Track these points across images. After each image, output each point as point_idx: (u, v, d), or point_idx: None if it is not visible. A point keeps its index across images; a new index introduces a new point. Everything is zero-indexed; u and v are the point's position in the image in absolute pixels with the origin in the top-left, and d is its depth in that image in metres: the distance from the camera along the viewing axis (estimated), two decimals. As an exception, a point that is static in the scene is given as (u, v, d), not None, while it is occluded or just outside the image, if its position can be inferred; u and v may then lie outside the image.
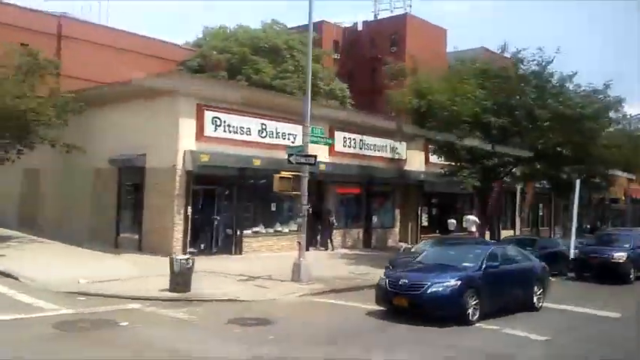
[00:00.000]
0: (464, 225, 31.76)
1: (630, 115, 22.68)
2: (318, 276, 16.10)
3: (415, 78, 21.28)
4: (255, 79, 37.18)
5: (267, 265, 17.87)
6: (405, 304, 11.00)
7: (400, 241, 27.69)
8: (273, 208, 22.11)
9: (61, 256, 17.92)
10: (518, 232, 37.06)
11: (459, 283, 10.93)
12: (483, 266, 11.64)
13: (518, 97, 20.71)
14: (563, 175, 30.40)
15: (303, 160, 15.44)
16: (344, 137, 24.84)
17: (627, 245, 20.14)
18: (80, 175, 22.21)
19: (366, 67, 54.52)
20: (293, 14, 58.74)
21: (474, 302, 11.08)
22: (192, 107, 18.95)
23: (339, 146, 24.52)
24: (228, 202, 20.58)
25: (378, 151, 26.63)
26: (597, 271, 19.56)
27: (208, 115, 19.30)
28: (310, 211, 23.47)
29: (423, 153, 28.54)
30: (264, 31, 42.89)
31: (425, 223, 30.05)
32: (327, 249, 23.81)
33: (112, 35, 39.38)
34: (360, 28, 60.85)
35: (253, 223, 21.60)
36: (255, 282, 15.21)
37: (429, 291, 10.80)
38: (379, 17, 60.83)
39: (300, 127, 22.26)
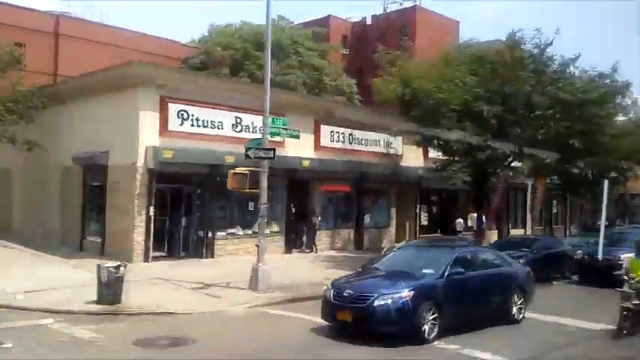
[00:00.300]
0: (469, 224, 30.11)
1: None
2: (286, 282, 14.63)
3: (401, 64, 19.53)
4: (257, 75, 35.87)
5: (235, 270, 16.30)
6: (349, 319, 9.38)
7: (399, 241, 25.98)
8: (252, 208, 20.50)
9: (20, 264, 16.67)
10: (529, 231, 34.97)
11: (412, 294, 9.26)
12: (446, 273, 9.92)
13: (514, 83, 18.81)
14: (575, 169, 28.34)
15: (261, 154, 13.93)
16: (331, 131, 23.22)
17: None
18: (49, 175, 21.11)
19: (374, 62, 52.49)
20: (301, 10, 57.41)
21: (432, 317, 9.40)
22: (155, 100, 17.56)
23: (325, 141, 22.96)
24: (199, 202, 19.19)
25: (371, 145, 24.95)
26: (602, 273, 17.60)
27: (173, 107, 17.90)
28: (293, 211, 22.26)
29: (420, 147, 26.70)
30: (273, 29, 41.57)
31: (424, 222, 28.28)
32: (311, 251, 22.26)
33: (111, 34, 38.61)
34: (369, 22, 59.04)
35: (229, 225, 20.17)
36: (209, 290, 13.76)
37: (375, 304, 9.15)
38: (388, 10, 58.83)
39: (281, 120, 21.11)
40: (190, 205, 18.98)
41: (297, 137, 16.02)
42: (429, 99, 17.64)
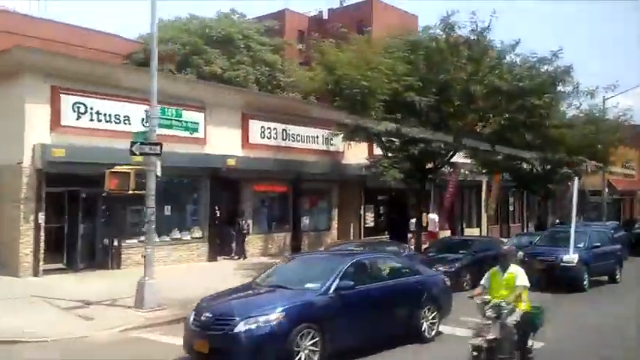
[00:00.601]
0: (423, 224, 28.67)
1: (590, 90, 18.75)
2: (186, 296, 12.75)
3: (323, 49, 17.87)
4: (204, 70, 33.91)
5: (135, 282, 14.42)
6: (205, 350, 7.59)
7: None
8: (168, 212, 18.69)
9: None
10: (485, 230, 33.81)
11: (284, 315, 7.53)
12: (333, 287, 8.23)
13: (451, 70, 17.30)
14: (525, 165, 27.21)
15: (147, 149, 12.06)
16: (262, 127, 21.42)
17: (581, 245, 16.78)
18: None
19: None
20: (258, 3, 55.16)
21: (311, 342, 7.68)
22: (45, 90, 15.48)
23: (255, 137, 21.15)
24: (105, 207, 17.15)
25: (308, 142, 23.22)
26: (544, 277, 16.23)
27: (67, 100, 15.84)
28: (218, 214, 20.35)
29: (365, 144, 25.05)
30: (219, 20, 39.64)
31: (370, 224, 26.66)
32: (240, 257, 20.43)
33: (49, 28, 36.09)
34: (325, 16, 57.40)
35: (142, 231, 18.17)
36: (87, 310, 11.81)
37: (236, 330, 7.38)
38: (345, 4, 57.30)
39: (202, 114, 19.27)
40: (93, 211, 16.93)
41: (195, 130, 14.20)
42: (354, 88, 15.97)
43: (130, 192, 12.04)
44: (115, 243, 17.05)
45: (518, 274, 7.89)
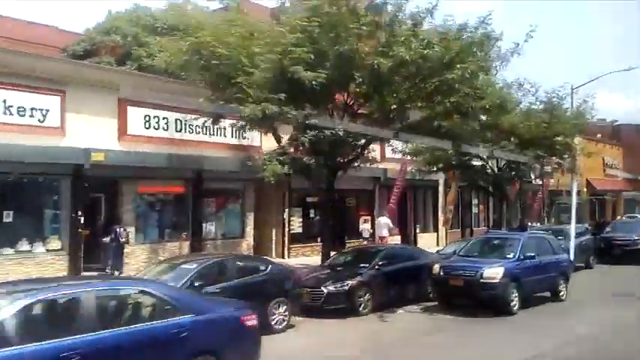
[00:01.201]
0: (365, 230, 25.59)
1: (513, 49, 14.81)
2: None
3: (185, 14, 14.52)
4: (145, 62, 30.43)
5: None
6: None
7: (260, 253, 20.84)
8: (9, 219, 15.11)
9: None
10: (443, 235, 30.42)
11: None
12: None
13: (351, 39, 13.90)
14: (473, 161, 23.93)
15: None
16: (146, 115, 17.95)
17: (511, 255, 13.34)
18: None
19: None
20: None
21: None
22: None
23: (136, 128, 17.66)
24: None
25: (213, 134, 19.72)
26: (462, 296, 12.91)
27: None
28: (82, 221, 16.79)
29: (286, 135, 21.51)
30: (169, 10, 36.36)
31: (298, 230, 23.18)
32: (114, 272, 16.89)
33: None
34: (287, 5, 54.02)
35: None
36: None
37: None
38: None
39: (58, 97, 15.83)
40: None
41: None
42: (212, 58, 12.48)
43: None
44: None
45: None
